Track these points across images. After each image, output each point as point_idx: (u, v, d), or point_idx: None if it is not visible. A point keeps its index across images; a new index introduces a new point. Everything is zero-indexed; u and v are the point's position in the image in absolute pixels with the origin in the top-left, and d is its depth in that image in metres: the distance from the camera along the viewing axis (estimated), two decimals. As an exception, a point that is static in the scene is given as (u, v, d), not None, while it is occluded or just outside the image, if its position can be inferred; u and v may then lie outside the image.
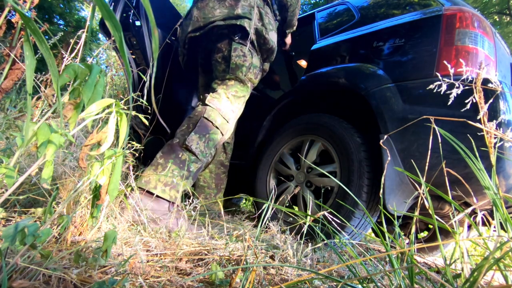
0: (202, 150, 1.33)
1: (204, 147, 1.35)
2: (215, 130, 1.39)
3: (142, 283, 0.61)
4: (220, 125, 1.41)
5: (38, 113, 1.17)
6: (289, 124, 1.87)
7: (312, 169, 1.64)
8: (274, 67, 3.07)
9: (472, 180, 0.88)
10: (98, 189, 0.70)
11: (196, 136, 1.33)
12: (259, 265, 0.77)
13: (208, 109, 1.41)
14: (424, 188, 0.67)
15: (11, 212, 0.84)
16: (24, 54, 0.47)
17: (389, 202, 1.29)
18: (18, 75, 0.88)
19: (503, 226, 0.58)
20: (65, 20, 7.45)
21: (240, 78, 1.51)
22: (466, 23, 1.32)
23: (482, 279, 0.46)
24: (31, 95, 0.50)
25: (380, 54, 1.52)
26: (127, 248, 0.81)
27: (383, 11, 1.80)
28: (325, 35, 1.98)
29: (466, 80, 0.77)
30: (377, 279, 0.84)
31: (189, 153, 1.31)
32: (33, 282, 0.51)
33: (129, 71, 0.42)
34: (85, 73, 0.58)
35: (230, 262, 0.87)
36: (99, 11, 0.38)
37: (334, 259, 1.14)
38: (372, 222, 0.70)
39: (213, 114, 1.40)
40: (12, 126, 1.31)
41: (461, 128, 1.14)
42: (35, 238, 0.50)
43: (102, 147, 0.63)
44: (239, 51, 1.50)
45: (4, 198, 0.51)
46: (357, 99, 1.54)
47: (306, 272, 0.84)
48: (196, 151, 1.31)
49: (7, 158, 0.61)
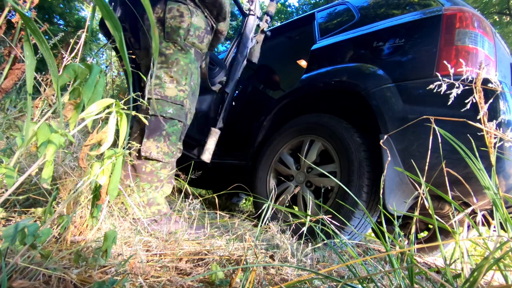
0: (166, 152, 1.18)
1: (168, 146, 1.18)
2: (171, 122, 1.20)
3: (142, 283, 0.61)
4: (175, 114, 1.21)
5: (38, 113, 1.17)
6: (289, 124, 1.87)
7: (312, 169, 1.64)
8: (274, 67, 3.08)
9: (472, 180, 0.88)
10: (98, 189, 0.70)
11: (150, 140, 1.16)
12: (259, 265, 0.77)
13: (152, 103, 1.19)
14: (424, 188, 0.67)
15: (11, 212, 0.84)
16: (24, 54, 0.47)
17: (389, 202, 1.29)
18: (18, 75, 0.88)
19: (503, 226, 0.58)
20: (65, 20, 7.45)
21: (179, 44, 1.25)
22: (466, 23, 1.32)
23: (482, 279, 0.46)
24: (31, 95, 0.50)
25: (380, 54, 1.52)
26: (127, 248, 0.81)
27: (383, 11, 1.80)
28: (325, 35, 1.98)
29: (466, 80, 0.77)
30: (377, 279, 0.84)
31: (153, 162, 1.16)
32: (33, 282, 0.51)
33: (129, 71, 0.42)
34: (85, 73, 0.58)
35: (230, 262, 0.87)
36: (99, 11, 0.38)
37: (334, 259, 1.14)
38: (372, 222, 0.70)
39: (160, 106, 1.19)
40: (12, 126, 1.31)
41: (461, 128, 1.14)
42: (35, 238, 0.50)
43: (102, 147, 0.63)
44: (175, 11, 1.25)
45: (4, 198, 0.51)
46: (357, 99, 1.54)
47: (306, 272, 0.84)
48: (158, 156, 1.16)
49: (7, 158, 0.61)
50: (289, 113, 1.95)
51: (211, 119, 1.88)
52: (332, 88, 1.69)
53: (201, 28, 1.31)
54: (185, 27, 1.25)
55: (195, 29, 1.28)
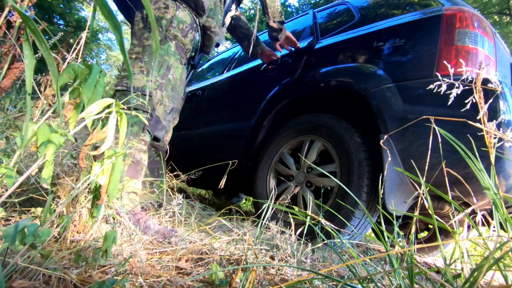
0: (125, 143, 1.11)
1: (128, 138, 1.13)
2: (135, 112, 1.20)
3: (142, 283, 0.61)
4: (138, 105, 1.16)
5: (38, 113, 1.17)
6: (289, 124, 1.87)
7: (312, 169, 1.64)
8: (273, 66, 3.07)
9: (472, 180, 0.88)
10: (98, 189, 0.70)
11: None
12: (259, 265, 0.77)
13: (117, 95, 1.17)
14: (424, 188, 0.67)
15: (11, 212, 0.84)
16: (24, 53, 0.47)
17: (389, 202, 1.29)
18: (17, 74, 0.88)
19: (503, 226, 0.58)
20: (65, 20, 7.45)
21: (160, 34, 1.23)
22: (466, 23, 1.32)
23: (482, 279, 0.46)
24: (30, 95, 0.50)
25: (380, 54, 1.52)
26: (127, 248, 0.81)
27: (383, 11, 1.80)
28: (325, 35, 1.98)
29: (466, 80, 0.77)
30: (377, 279, 0.84)
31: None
32: (33, 282, 0.51)
33: (129, 71, 0.42)
34: (85, 73, 0.58)
35: (230, 262, 0.87)
36: (100, 11, 0.38)
37: (334, 259, 1.14)
38: (372, 222, 0.70)
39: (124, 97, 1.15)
40: (12, 126, 1.31)
41: (461, 128, 1.14)
42: (35, 238, 0.50)
43: (102, 147, 0.63)
44: (161, 3, 1.26)
45: (4, 198, 0.51)
46: (357, 99, 1.54)
47: (306, 272, 0.84)
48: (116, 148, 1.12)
49: (7, 158, 0.61)
50: (289, 113, 1.95)
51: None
52: (332, 88, 1.69)
53: (185, 23, 1.30)
54: (168, 18, 1.24)
55: (178, 22, 1.27)
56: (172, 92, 1.28)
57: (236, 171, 2.22)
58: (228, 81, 2.51)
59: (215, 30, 1.45)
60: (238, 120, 2.18)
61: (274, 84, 2.03)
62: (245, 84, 2.36)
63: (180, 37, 1.29)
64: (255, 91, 2.18)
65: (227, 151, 2.21)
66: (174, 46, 1.28)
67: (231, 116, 2.29)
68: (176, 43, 1.29)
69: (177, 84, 1.30)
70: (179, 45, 1.31)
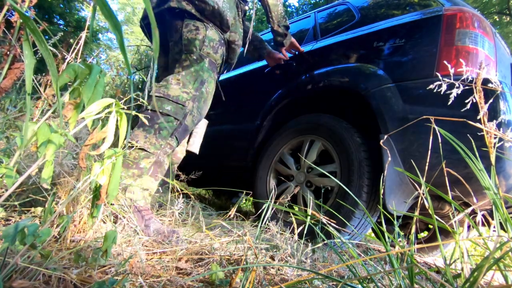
0: (153, 143, 1.22)
1: (156, 138, 1.22)
2: (166, 118, 1.26)
3: (142, 283, 0.61)
4: (173, 112, 1.27)
5: (38, 113, 1.17)
6: (289, 124, 1.87)
7: (312, 169, 1.64)
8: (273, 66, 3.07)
9: (472, 180, 0.88)
10: (98, 189, 0.70)
11: (140, 130, 1.22)
12: (259, 265, 0.77)
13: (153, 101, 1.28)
14: (424, 188, 0.67)
15: (11, 212, 0.84)
16: (24, 53, 0.47)
17: (389, 202, 1.29)
18: (17, 75, 0.88)
19: (503, 226, 0.58)
20: (65, 20, 7.44)
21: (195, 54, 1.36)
22: (466, 23, 1.32)
23: (482, 279, 0.46)
24: (30, 95, 0.50)
25: (380, 54, 1.52)
26: (127, 248, 0.81)
27: (384, 11, 1.80)
28: (326, 35, 1.98)
29: (466, 80, 0.77)
30: (377, 279, 0.84)
31: (137, 150, 1.20)
32: (33, 282, 0.51)
33: (129, 71, 0.42)
34: (85, 73, 0.58)
35: (230, 262, 0.87)
36: (100, 11, 0.38)
37: (334, 259, 1.14)
38: (372, 222, 0.70)
39: (160, 103, 1.27)
40: (12, 126, 1.31)
41: (461, 128, 1.14)
42: (35, 238, 0.50)
43: (102, 147, 0.63)
44: (191, 26, 1.37)
45: (4, 198, 0.51)
46: (357, 99, 1.54)
47: (306, 272, 0.84)
48: (144, 145, 1.20)
49: (7, 158, 0.61)
50: (289, 113, 1.95)
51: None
52: (332, 88, 1.69)
53: (215, 40, 1.41)
54: (200, 38, 1.36)
55: (209, 41, 1.38)
56: (203, 104, 1.39)
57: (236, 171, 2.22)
58: (229, 81, 2.50)
59: (238, 43, 1.55)
60: (243, 122, 2.18)
61: (274, 84, 2.03)
62: (246, 85, 2.36)
63: (212, 54, 1.41)
64: (257, 92, 2.18)
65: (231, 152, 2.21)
66: (208, 62, 1.39)
67: (233, 117, 2.29)
68: (209, 60, 1.40)
69: (208, 97, 1.41)
70: (212, 61, 1.41)
